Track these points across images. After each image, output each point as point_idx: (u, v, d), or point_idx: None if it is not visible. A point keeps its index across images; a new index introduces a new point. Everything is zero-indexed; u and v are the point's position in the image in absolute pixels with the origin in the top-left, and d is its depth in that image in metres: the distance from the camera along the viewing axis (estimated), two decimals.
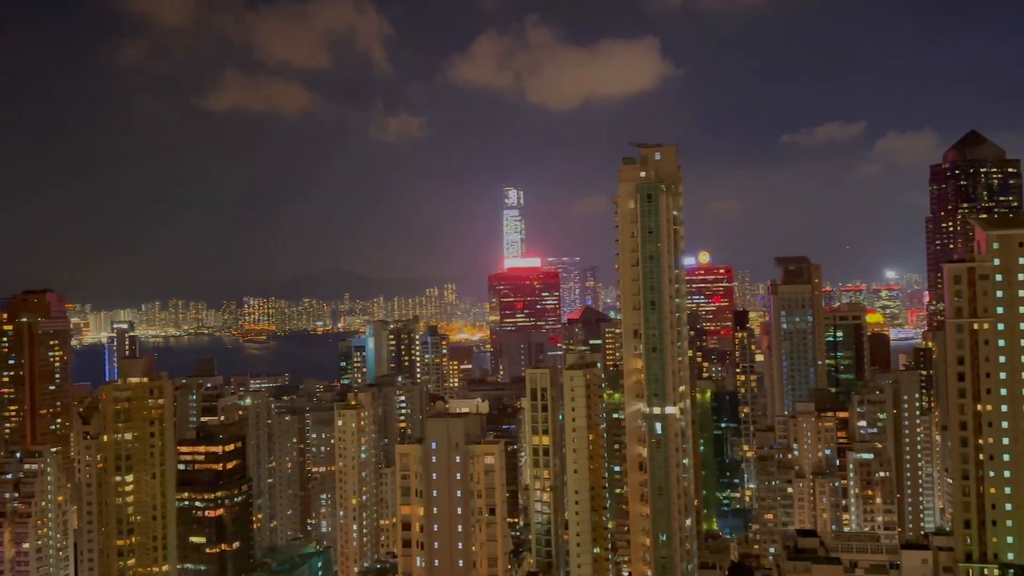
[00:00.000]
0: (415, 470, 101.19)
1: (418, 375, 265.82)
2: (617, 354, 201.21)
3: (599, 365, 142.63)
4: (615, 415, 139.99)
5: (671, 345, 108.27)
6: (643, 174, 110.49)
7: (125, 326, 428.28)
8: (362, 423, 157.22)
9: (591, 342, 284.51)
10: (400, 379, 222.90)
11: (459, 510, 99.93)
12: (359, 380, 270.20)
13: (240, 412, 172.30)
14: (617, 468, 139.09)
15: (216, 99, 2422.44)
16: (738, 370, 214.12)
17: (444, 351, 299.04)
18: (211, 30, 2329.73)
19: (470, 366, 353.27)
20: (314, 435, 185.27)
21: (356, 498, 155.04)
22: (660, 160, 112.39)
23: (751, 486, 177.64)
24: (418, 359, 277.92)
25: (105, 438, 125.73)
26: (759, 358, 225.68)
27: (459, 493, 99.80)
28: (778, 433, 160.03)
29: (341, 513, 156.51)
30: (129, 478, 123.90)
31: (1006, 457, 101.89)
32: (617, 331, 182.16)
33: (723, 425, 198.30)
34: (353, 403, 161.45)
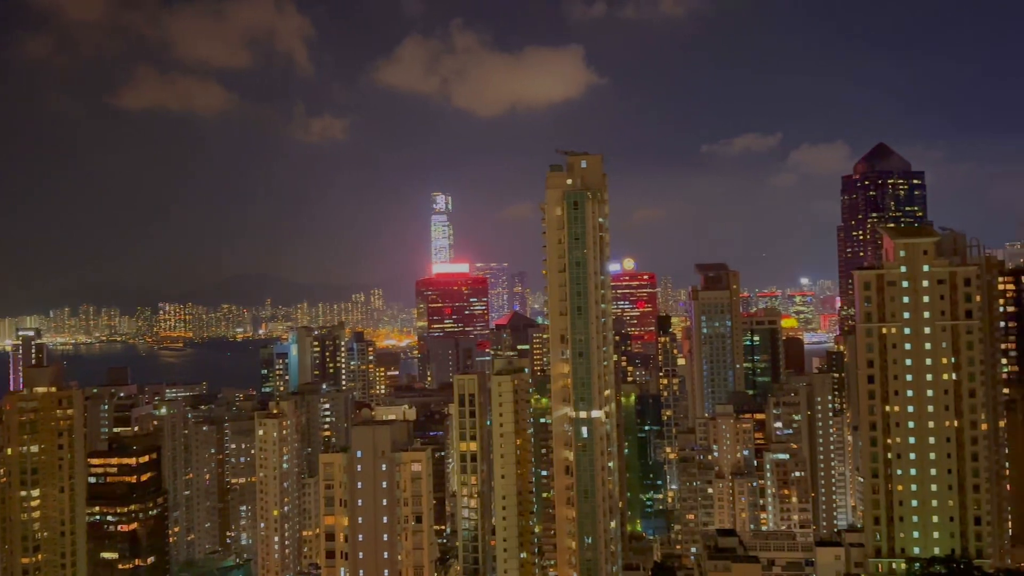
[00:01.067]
0: (339, 479, 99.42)
1: (343, 382, 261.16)
2: (545, 359, 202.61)
3: (527, 370, 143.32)
4: (542, 420, 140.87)
5: (597, 350, 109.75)
6: (570, 181, 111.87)
7: (31, 333, 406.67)
8: (284, 432, 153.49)
9: (519, 347, 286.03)
10: (324, 386, 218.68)
11: (385, 519, 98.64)
12: (281, 388, 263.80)
13: (155, 422, 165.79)
14: (544, 472, 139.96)
15: (129, 97, 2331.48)
16: (661, 374, 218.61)
17: (371, 357, 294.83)
18: (123, 25, 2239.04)
19: (397, 372, 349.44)
20: (233, 445, 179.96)
21: (278, 509, 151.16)
22: (586, 168, 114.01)
23: (673, 487, 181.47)
24: (343, 366, 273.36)
25: (9, 451, 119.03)
26: (681, 362, 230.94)
27: (385, 502, 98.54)
28: (699, 435, 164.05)
29: (262, 525, 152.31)
30: (35, 492, 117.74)
31: (912, 456, 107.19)
32: (545, 336, 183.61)
33: (647, 428, 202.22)
34: (275, 411, 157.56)
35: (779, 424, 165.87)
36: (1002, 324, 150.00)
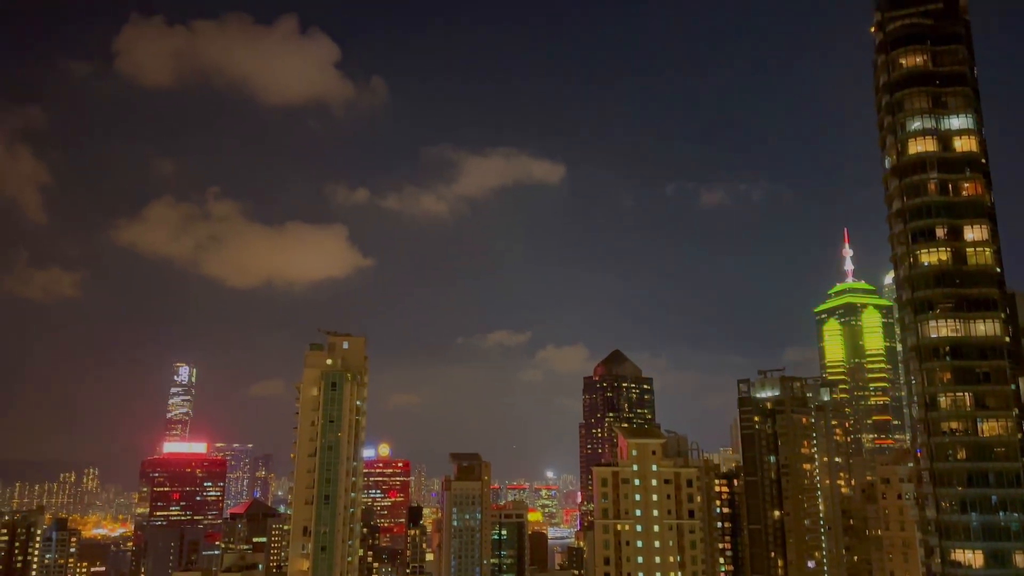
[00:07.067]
0: None
1: None
2: (283, 553, 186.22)
3: (261, 567, 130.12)
4: None
5: (342, 544, 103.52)
6: (330, 361, 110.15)
7: None
8: None
9: (255, 540, 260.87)
10: None
11: None
12: None
13: None
14: None
15: None
16: (408, 570, 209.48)
17: (73, 549, 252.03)
18: None
19: (104, 569, 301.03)
20: None
21: None
22: (348, 349, 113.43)
23: None
24: (36, 560, 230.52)
25: None
26: (430, 557, 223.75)
27: None
28: None
29: None
30: None
31: None
32: (286, 528, 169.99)
33: None
34: None
35: None
36: (719, 524, 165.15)
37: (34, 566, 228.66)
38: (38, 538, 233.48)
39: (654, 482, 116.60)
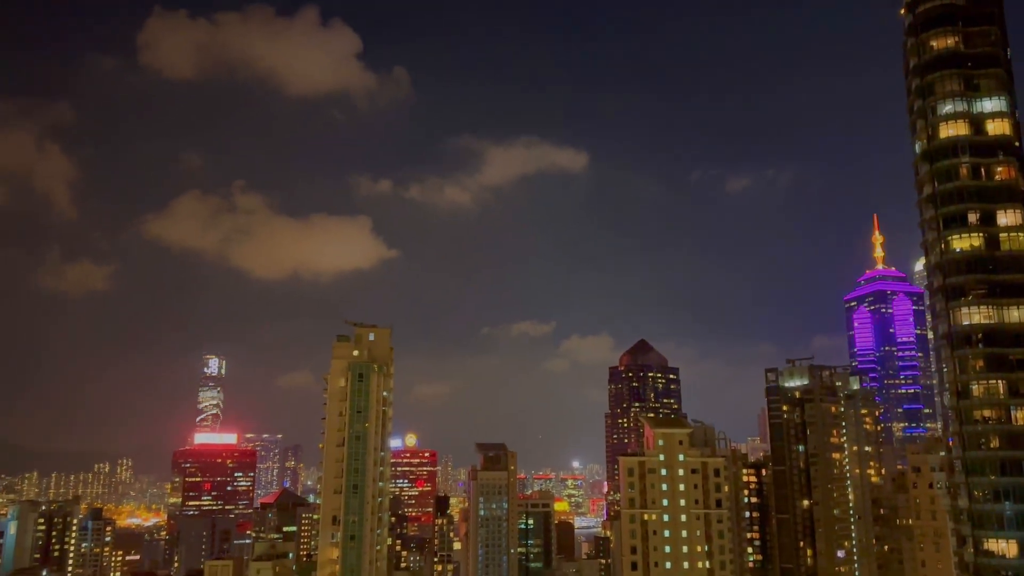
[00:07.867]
0: None
1: (70, 568, 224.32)
2: (313, 543, 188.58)
3: (291, 555, 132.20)
4: None
5: (370, 533, 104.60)
6: (356, 353, 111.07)
7: None
8: None
9: (285, 529, 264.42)
10: (45, 573, 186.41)
11: None
12: None
13: None
14: None
15: None
16: (436, 559, 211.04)
17: (108, 538, 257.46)
18: None
19: (139, 557, 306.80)
20: None
21: None
22: (374, 340, 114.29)
23: None
24: (72, 548, 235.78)
25: None
26: (457, 546, 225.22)
27: None
28: None
29: None
30: None
31: None
32: (315, 517, 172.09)
33: None
34: None
35: None
36: (747, 514, 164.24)
37: (71, 555, 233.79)
38: (74, 527, 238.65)
39: (681, 472, 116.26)
